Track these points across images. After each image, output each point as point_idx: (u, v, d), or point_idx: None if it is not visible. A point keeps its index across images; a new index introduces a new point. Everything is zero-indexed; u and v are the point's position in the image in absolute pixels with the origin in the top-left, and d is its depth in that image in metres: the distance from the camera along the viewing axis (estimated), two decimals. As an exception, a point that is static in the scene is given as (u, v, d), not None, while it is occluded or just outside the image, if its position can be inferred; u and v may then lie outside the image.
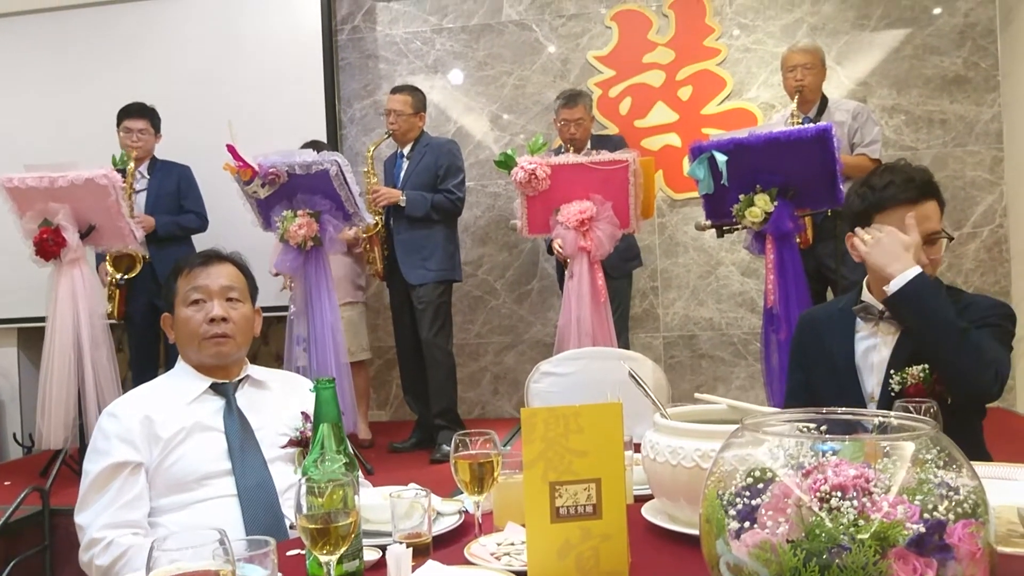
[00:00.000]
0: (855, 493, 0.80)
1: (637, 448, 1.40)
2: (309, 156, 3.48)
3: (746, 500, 0.86)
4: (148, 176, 4.19)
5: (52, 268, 3.66)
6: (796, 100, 3.68)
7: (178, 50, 4.90)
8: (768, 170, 2.97)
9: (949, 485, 0.83)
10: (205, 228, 4.27)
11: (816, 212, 3.32)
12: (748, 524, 0.84)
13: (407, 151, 4.12)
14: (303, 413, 1.73)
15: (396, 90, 4.15)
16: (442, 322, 4.04)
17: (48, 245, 3.57)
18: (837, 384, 1.87)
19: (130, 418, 1.65)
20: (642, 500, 1.41)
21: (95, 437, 1.67)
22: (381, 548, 1.27)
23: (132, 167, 3.99)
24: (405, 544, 1.20)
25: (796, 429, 0.93)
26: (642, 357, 2.66)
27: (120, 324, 4.15)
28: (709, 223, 3.26)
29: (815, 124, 3.20)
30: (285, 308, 3.81)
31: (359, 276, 4.41)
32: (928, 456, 0.85)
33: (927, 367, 1.73)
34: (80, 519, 1.62)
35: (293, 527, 1.54)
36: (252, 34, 4.87)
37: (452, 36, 5.03)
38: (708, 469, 0.96)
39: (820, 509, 0.81)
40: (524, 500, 1.12)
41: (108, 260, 3.95)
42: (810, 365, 1.96)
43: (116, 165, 3.79)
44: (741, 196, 3.02)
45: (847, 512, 0.79)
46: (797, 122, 3.58)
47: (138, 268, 3.94)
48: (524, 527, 1.21)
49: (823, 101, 3.78)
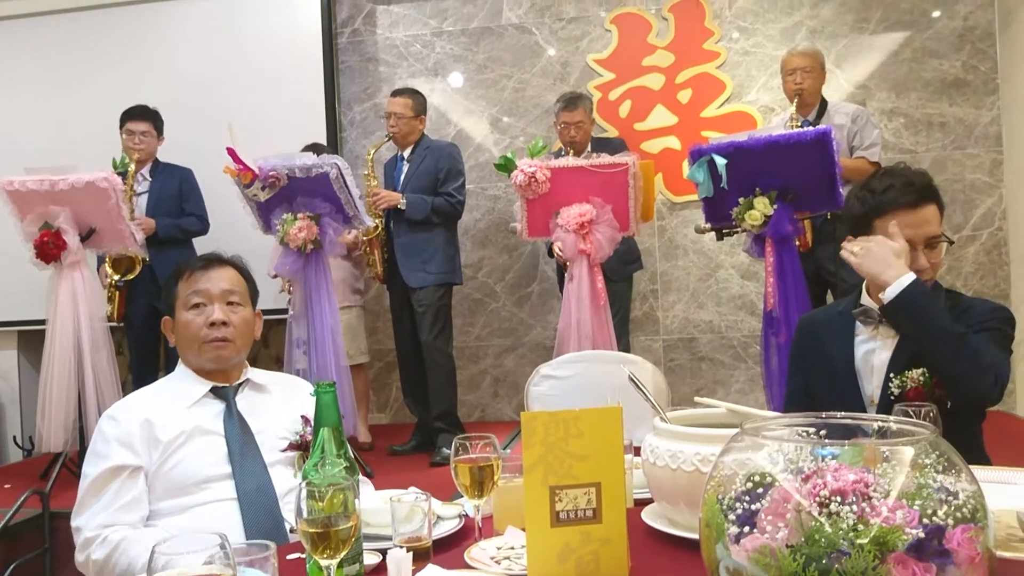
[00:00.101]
0: (854, 498, 0.80)
1: (637, 452, 1.40)
2: (309, 159, 3.48)
3: (746, 504, 0.86)
4: (150, 178, 4.19)
5: (52, 271, 3.66)
6: (795, 103, 3.68)
7: (178, 53, 4.91)
8: (768, 173, 2.98)
9: (948, 490, 0.83)
10: (206, 231, 4.27)
11: (816, 215, 3.32)
12: (748, 529, 0.85)
13: (407, 154, 4.12)
14: (303, 417, 1.73)
15: (396, 93, 4.15)
16: (442, 325, 4.04)
17: (48, 248, 3.58)
18: (837, 387, 1.86)
19: (130, 421, 1.65)
20: (642, 504, 1.41)
21: (95, 440, 1.67)
22: (381, 552, 1.27)
23: (133, 169, 3.99)
24: (405, 548, 1.21)
25: (795, 434, 0.93)
26: (642, 360, 2.66)
27: (120, 327, 4.16)
28: (709, 226, 3.26)
29: (814, 127, 3.20)
30: (285, 311, 3.81)
31: (357, 280, 4.41)
32: (927, 461, 0.85)
33: (927, 371, 1.72)
34: (77, 522, 1.62)
35: (293, 531, 1.55)
36: (252, 37, 4.88)
37: (452, 39, 5.04)
38: (708, 473, 0.96)
39: (819, 514, 0.81)
40: (524, 504, 1.12)
41: (108, 261, 3.96)
42: (810, 368, 1.96)
43: (116, 168, 3.80)
44: (741, 199, 3.02)
45: (846, 517, 0.80)
46: (796, 125, 3.58)
47: (137, 270, 3.95)
48: (524, 531, 1.21)
49: (822, 104, 3.78)
